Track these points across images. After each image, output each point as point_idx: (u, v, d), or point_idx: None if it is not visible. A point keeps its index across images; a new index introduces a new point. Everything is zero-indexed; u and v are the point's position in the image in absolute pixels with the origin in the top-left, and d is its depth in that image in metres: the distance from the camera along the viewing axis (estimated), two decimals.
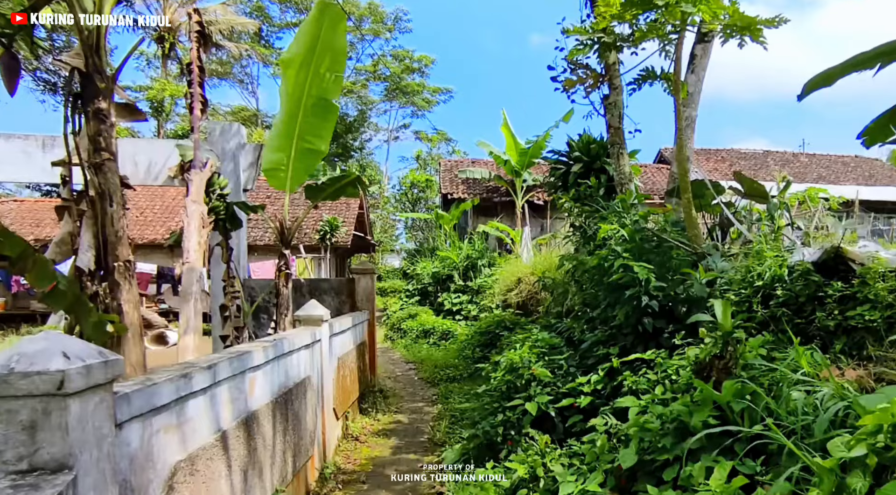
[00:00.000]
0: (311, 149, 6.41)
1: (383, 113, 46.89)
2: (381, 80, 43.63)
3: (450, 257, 16.50)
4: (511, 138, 17.93)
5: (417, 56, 43.41)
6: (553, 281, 9.61)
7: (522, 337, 7.61)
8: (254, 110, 41.52)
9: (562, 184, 8.52)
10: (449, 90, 45.09)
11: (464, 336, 11.47)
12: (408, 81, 43.07)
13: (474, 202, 18.28)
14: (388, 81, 43.29)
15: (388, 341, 14.02)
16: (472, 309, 15.21)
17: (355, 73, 43.45)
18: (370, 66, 42.73)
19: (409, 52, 42.63)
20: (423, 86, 43.74)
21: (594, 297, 6.32)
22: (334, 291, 8.15)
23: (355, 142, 44.80)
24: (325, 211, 20.50)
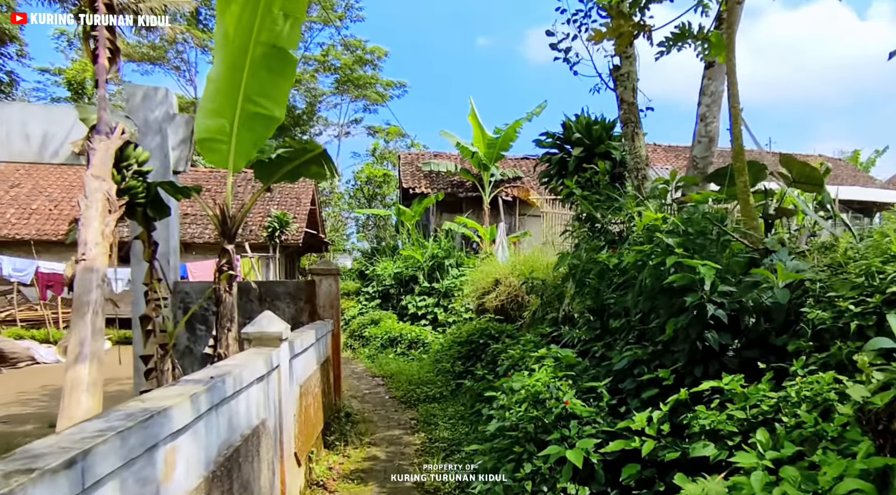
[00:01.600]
0: (262, 115, 4.93)
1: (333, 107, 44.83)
2: (330, 71, 41.59)
3: (413, 256, 15.14)
4: (479, 129, 16.77)
5: (370, 47, 41.66)
6: (543, 282, 8.45)
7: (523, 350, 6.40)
8: (192, 99, 38.63)
9: (558, 171, 7.36)
10: (403, 84, 43.52)
11: (437, 345, 10.16)
12: (360, 73, 41.25)
13: (439, 197, 16.99)
14: (338, 73, 41.30)
15: (349, 350, 12.51)
16: (440, 313, 13.92)
17: (303, 62, 41.23)
18: (319, 56, 40.64)
19: (360, 41, 40.80)
20: (375, 78, 42.03)
21: (619, 302, 5.18)
22: (290, 296, 6.65)
23: (304, 137, 42.53)
24: (273, 205, 18.69)
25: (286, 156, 5.20)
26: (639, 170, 6.11)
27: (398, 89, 43.29)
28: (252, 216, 18.48)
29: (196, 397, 2.37)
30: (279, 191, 19.93)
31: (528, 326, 8.72)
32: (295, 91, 40.87)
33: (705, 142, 5.97)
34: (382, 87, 42.60)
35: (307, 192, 20.06)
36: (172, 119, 6.56)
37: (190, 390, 2.38)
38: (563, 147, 7.40)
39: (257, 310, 6.66)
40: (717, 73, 5.97)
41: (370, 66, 42.08)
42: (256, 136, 5.00)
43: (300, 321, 6.62)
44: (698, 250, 4.15)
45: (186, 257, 17.04)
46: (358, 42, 41.23)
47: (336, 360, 6.91)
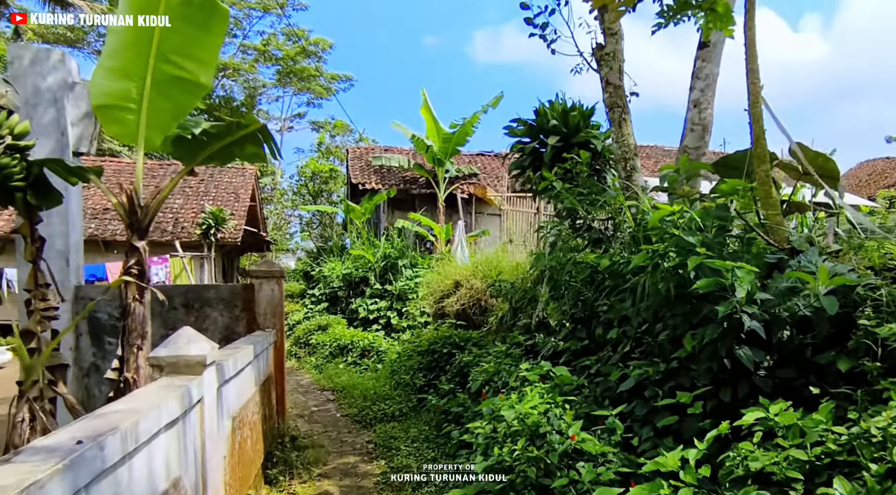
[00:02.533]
0: (183, 79, 3.90)
1: (275, 100, 42.81)
2: (272, 61, 39.56)
3: (364, 256, 14.13)
4: (433, 122, 15.94)
5: (314, 38, 39.96)
6: (511, 285, 7.73)
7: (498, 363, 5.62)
8: None
9: (532, 162, 6.64)
10: (349, 78, 42.05)
11: (393, 354, 9.26)
12: (303, 65, 39.49)
13: (391, 193, 16.03)
14: (280, 64, 39.33)
15: (293, 359, 11.37)
16: (394, 317, 12.99)
17: (241, 51, 39.09)
18: (260, 45, 38.58)
19: (304, 31, 39.06)
20: (320, 71, 40.36)
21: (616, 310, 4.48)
22: (224, 303, 5.58)
23: None
24: (207, 200, 17.16)
25: (215, 133, 4.18)
26: (627, 160, 5.47)
27: (344, 83, 41.74)
28: (184, 212, 16.89)
29: (54, 476, 1.42)
30: (215, 186, 18.37)
31: (495, 333, 7.98)
32: (233, 82, 38.73)
33: (698, 130, 5.40)
34: (327, 81, 40.97)
35: (246, 187, 18.61)
36: (72, 89, 5.35)
37: (26, 479, 1.42)
38: (537, 136, 6.68)
39: (183, 320, 5.56)
40: (712, 54, 5.41)
41: (314, 59, 40.42)
42: (175, 106, 3.96)
43: (236, 332, 5.58)
44: (717, 249, 3.50)
45: (107, 256, 15.33)
46: (301, 32, 39.45)
47: (280, 377, 5.90)
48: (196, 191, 17.98)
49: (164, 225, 16.19)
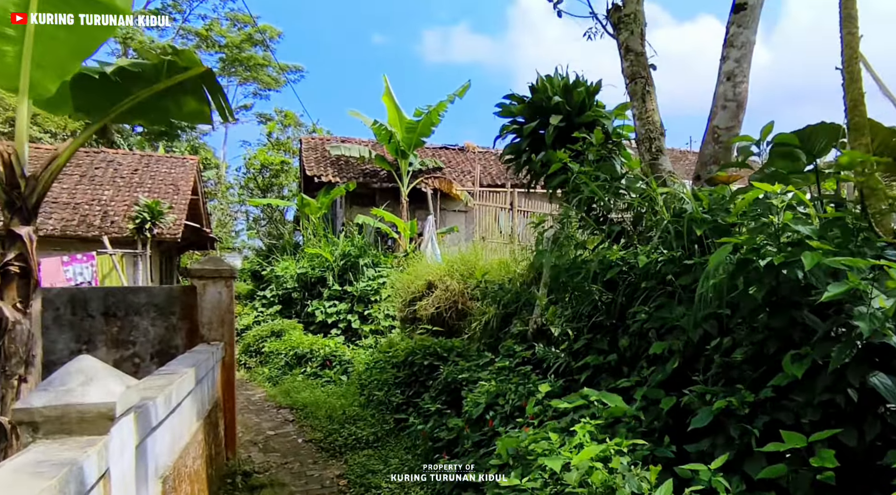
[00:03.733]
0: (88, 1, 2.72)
1: None
2: (215, 48, 37.16)
3: (322, 255, 12.90)
4: (395, 110, 14.84)
5: (261, 25, 37.85)
6: (500, 287, 6.81)
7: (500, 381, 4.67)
8: None
9: (530, 146, 5.73)
10: (299, 69, 40.13)
11: (361, 363, 8.16)
12: (250, 53, 37.31)
13: (349, 187, 14.83)
14: (223, 51, 36.98)
15: (242, 369, 10.05)
16: (355, 321, 11.84)
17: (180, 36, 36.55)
18: (202, 30, 36.14)
19: (250, 17, 36.89)
20: (268, 60, 38.28)
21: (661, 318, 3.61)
22: (158, 310, 4.37)
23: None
24: (142, 192, 15.42)
25: (137, 74, 3.00)
26: (651, 140, 4.63)
27: (294, 74, 39.83)
28: (115, 204, 15.08)
29: None
30: (151, 176, 16.57)
31: (480, 341, 7.04)
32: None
33: (732, 107, 4.63)
34: (276, 71, 38.95)
35: (187, 178, 16.90)
36: None
37: None
38: (535, 115, 5.77)
39: (102, 333, 4.32)
40: (749, 18, 4.65)
41: (261, 48, 38.33)
42: (78, 37, 2.78)
43: (173, 346, 4.38)
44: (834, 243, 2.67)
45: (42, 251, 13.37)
46: (247, 17, 37.18)
47: (230, 400, 4.72)
48: (129, 181, 16.15)
49: (91, 218, 14.36)
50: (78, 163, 16.46)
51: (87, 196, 15.16)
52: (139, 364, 4.29)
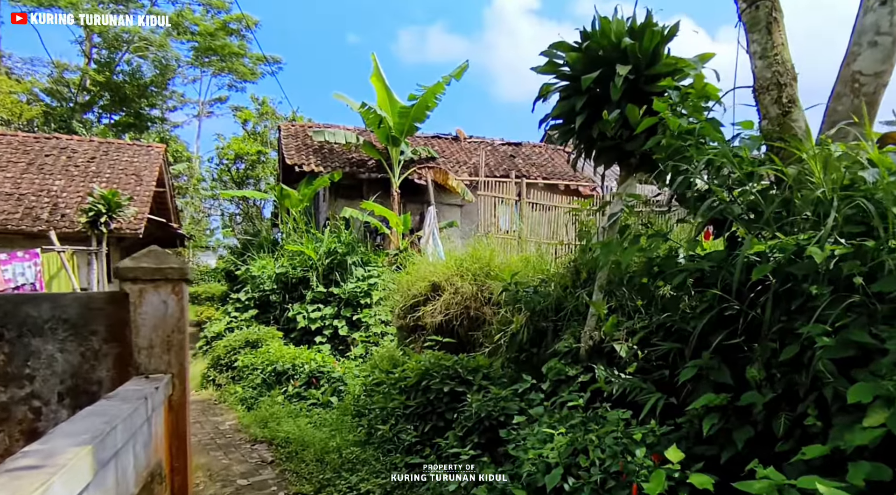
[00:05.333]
0: None
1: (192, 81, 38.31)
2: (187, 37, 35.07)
3: (304, 252, 11.42)
4: (385, 92, 13.40)
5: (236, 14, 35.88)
6: (535, 291, 5.47)
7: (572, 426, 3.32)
8: None
9: (589, 105, 4.39)
10: (277, 60, 38.21)
11: (354, 380, 6.75)
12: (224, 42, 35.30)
13: (335, 177, 13.34)
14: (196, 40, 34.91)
15: (211, 386, 8.53)
16: (342, 327, 10.41)
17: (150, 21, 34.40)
18: (172, 16, 34.05)
19: (224, 2, 34.94)
20: (244, 50, 36.33)
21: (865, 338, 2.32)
22: (69, 329, 2.88)
23: (152, 111, 35.52)
24: (99, 181, 13.70)
25: None
26: (782, 86, 3.34)
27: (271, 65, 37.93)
28: (66, 195, 13.33)
29: None
30: (109, 165, 14.82)
31: (507, 358, 5.68)
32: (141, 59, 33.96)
33: (885, 44, 3.37)
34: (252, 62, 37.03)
35: (151, 168, 15.20)
36: None
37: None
38: (592, 65, 4.43)
39: None
40: None
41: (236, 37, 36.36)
42: None
43: (93, 380, 2.92)
44: None
45: None
46: (220, 3, 35.28)
47: (180, 459, 3.26)
48: (84, 170, 14.40)
49: (38, 211, 12.61)
50: (26, 149, 14.66)
51: (35, 186, 13.40)
52: (40, 409, 2.83)
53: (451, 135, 18.38)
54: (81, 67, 31.76)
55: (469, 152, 17.43)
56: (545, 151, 19.08)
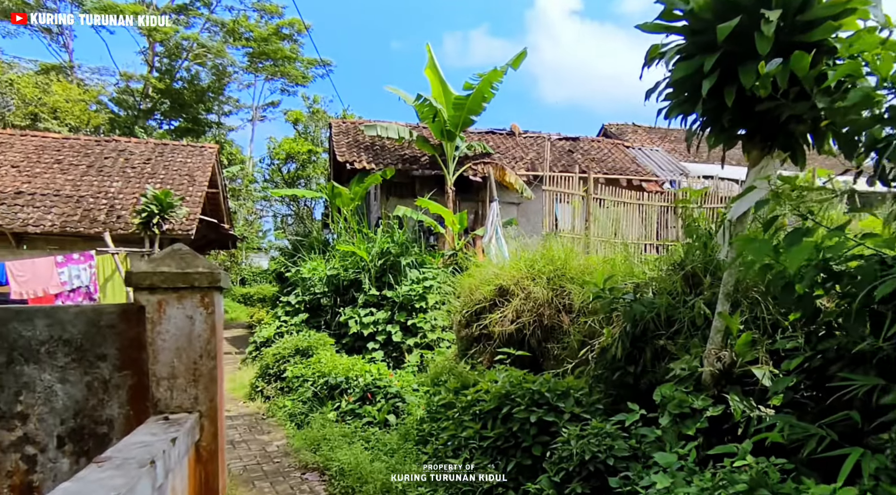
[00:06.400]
0: None
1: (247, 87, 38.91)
2: (242, 43, 35.63)
3: (355, 253, 10.84)
4: (440, 84, 12.68)
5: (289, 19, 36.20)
6: (636, 298, 4.57)
7: None
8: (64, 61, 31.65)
9: (721, 67, 3.44)
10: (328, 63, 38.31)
11: (417, 400, 6.03)
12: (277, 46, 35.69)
13: (387, 174, 12.73)
14: (251, 46, 35.45)
15: (259, 398, 8.02)
16: (396, 333, 9.75)
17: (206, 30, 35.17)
18: (229, 22, 34.73)
19: (278, 8, 35.33)
20: (296, 53, 36.62)
21: None
22: (72, 352, 2.23)
23: (209, 116, 36.33)
24: (153, 182, 13.61)
25: None
26: None
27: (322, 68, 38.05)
28: (123, 197, 13.30)
29: None
30: (164, 166, 14.78)
31: (596, 377, 4.79)
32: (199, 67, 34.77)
33: None
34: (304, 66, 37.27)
35: (204, 169, 15.07)
36: None
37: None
38: (722, 16, 3.48)
39: None
40: None
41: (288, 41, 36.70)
42: None
43: (101, 419, 2.25)
44: None
45: (19, 253, 11.68)
46: (274, 7, 35.74)
47: None
48: (140, 171, 14.38)
49: (96, 213, 12.59)
50: (87, 152, 14.79)
51: (94, 188, 13.42)
52: (35, 457, 2.19)
53: (506, 130, 17.51)
54: (144, 75, 32.78)
55: (525, 148, 16.52)
56: (604, 146, 17.95)
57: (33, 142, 14.71)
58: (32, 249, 11.76)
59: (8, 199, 12.25)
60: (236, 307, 22.67)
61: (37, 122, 23.67)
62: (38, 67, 29.31)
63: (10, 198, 12.34)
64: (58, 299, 10.00)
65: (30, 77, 23.41)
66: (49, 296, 9.95)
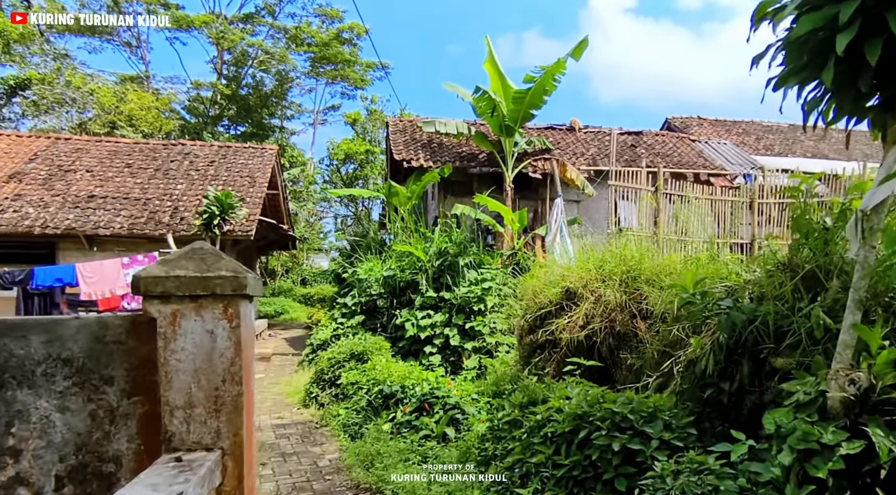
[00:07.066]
0: None
1: (308, 92, 39.86)
2: (304, 48, 36.41)
3: (412, 253, 10.48)
4: (499, 79, 12.15)
5: (349, 24, 36.68)
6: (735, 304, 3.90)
7: None
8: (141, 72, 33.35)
9: (863, 17, 2.74)
10: (385, 66, 38.51)
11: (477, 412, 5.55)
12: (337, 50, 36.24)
13: (445, 171, 12.33)
14: (312, 51, 36.17)
15: (314, 405, 7.78)
16: (454, 337, 9.31)
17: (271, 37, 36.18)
18: (291, 28, 35.61)
19: (338, 12, 35.86)
20: (355, 57, 37.06)
21: None
22: (71, 373, 1.89)
23: (273, 120, 37.38)
24: (216, 184, 13.83)
25: None
26: None
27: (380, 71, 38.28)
28: (187, 199, 13.59)
29: None
30: (227, 168, 15.04)
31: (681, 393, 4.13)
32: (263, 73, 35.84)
33: None
34: (362, 69, 37.65)
35: (264, 170, 15.22)
36: None
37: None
38: None
39: None
40: None
41: (348, 46, 37.20)
42: None
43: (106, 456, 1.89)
44: None
45: (90, 255, 12.12)
46: (335, 12, 36.33)
47: None
48: (203, 173, 14.70)
49: (161, 215, 12.91)
50: (154, 156, 15.28)
51: (160, 191, 13.80)
52: None
53: (565, 125, 16.73)
54: (213, 82, 34.13)
55: (586, 143, 15.71)
56: (668, 140, 16.85)
57: (107, 147, 15.34)
58: (102, 251, 12.17)
59: (82, 203, 12.75)
60: (297, 307, 22.98)
61: (115, 129, 24.96)
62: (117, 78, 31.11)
63: (84, 201, 12.84)
64: (123, 300, 10.23)
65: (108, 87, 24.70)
66: (116, 298, 10.20)
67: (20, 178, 12.93)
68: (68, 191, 13.04)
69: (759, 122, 20.57)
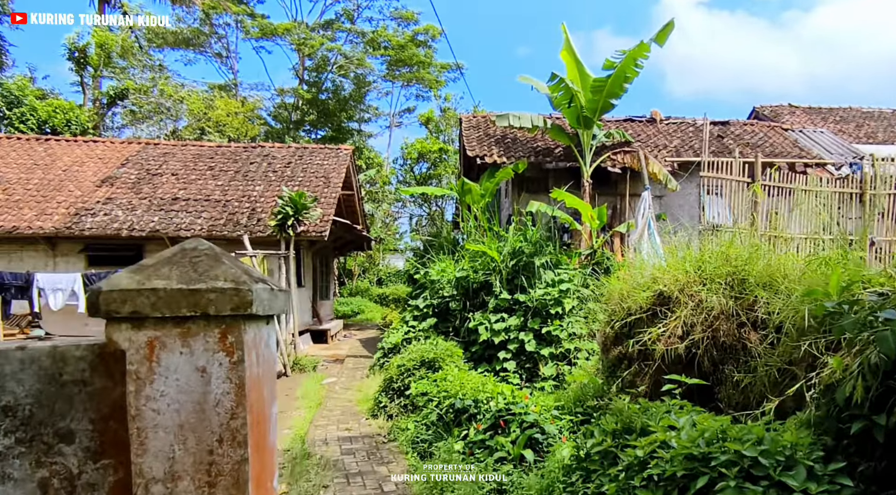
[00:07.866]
0: None
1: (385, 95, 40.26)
2: (381, 52, 36.78)
3: (486, 253, 9.89)
4: (576, 67, 11.26)
5: (424, 26, 36.67)
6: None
7: None
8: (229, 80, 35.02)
9: None
10: (460, 66, 38.10)
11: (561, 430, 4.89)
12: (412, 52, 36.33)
13: (519, 167, 11.62)
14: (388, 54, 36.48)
15: (381, 414, 7.39)
16: (529, 342, 8.64)
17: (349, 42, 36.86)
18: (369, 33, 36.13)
19: (413, 14, 35.89)
20: (430, 58, 36.98)
21: None
22: (20, 426, 1.45)
23: (351, 123, 38.09)
24: (291, 184, 13.93)
25: None
26: None
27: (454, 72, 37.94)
28: (264, 200, 13.78)
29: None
30: (302, 169, 15.16)
31: (818, 423, 3.25)
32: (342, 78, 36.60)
33: None
34: (437, 71, 37.50)
35: (339, 170, 15.19)
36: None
37: None
38: None
39: None
40: None
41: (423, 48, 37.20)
42: None
43: None
44: None
45: None
46: (410, 14, 36.46)
47: None
48: (280, 175, 14.89)
49: (239, 216, 13.16)
50: (235, 159, 15.69)
51: (239, 192, 14.11)
52: None
53: (645, 117, 15.47)
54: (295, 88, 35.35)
55: (668, 135, 14.41)
56: (758, 130, 15.14)
57: (192, 151, 15.95)
58: None
59: (166, 205, 13.25)
60: (373, 307, 23.09)
61: (203, 134, 26.27)
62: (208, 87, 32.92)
63: (168, 204, 13.33)
64: None
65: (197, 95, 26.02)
66: None
67: (112, 182, 13.67)
68: (154, 194, 13.61)
69: (859, 109, 18.37)
